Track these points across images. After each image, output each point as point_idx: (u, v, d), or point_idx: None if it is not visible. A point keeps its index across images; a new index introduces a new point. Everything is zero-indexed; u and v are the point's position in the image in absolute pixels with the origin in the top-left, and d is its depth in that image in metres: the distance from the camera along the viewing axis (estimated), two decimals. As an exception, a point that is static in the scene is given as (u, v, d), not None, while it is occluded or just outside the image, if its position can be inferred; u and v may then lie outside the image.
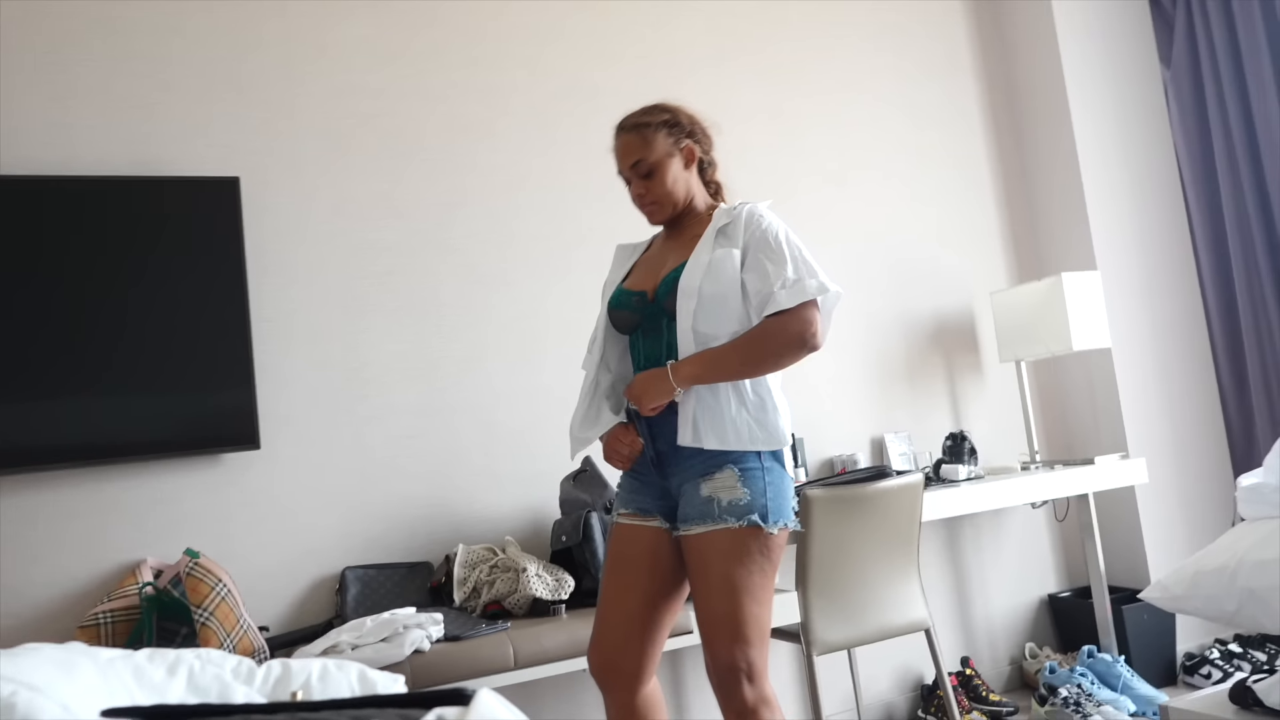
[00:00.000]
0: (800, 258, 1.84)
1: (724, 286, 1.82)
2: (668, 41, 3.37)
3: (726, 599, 1.74)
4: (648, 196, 1.95)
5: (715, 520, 1.77)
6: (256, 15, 2.83)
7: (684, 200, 1.97)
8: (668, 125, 1.95)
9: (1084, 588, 3.63)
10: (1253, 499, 1.83)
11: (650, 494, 1.92)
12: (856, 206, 3.59)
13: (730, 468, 1.79)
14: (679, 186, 1.95)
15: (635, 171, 1.94)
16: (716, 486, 1.79)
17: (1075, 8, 3.76)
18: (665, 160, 1.93)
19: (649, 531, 1.90)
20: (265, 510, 2.65)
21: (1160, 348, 3.69)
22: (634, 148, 1.94)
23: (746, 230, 1.86)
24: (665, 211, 1.97)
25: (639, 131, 1.94)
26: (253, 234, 2.73)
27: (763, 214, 1.90)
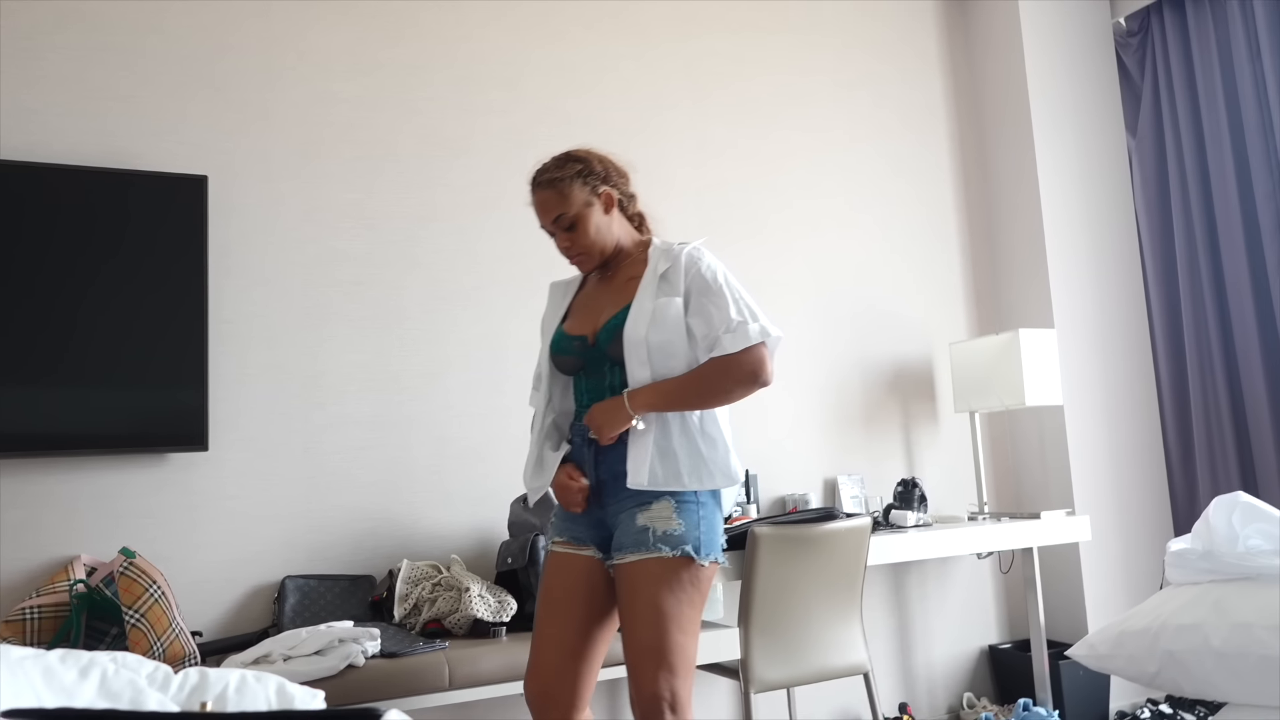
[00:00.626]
0: (741, 300, 1.88)
1: (669, 333, 1.86)
2: (646, 75, 3.42)
3: (655, 626, 1.76)
4: (574, 248, 1.96)
5: (649, 549, 1.79)
6: (237, 16, 2.84)
7: (611, 246, 1.99)
8: (582, 175, 1.95)
9: (1025, 640, 3.67)
10: (1179, 564, 1.87)
11: (585, 522, 1.94)
12: (825, 248, 3.64)
13: (667, 499, 1.83)
14: (603, 234, 1.96)
15: (557, 225, 1.95)
16: (652, 517, 1.81)
17: (1047, 73, 3.85)
18: (585, 210, 1.94)
19: (583, 560, 1.92)
20: (208, 513, 2.62)
21: (1111, 408, 3.76)
22: (552, 203, 1.94)
23: (687, 275, 1.90)
24: (594, 260, 1.98)
25: (554, 186, 1.94)
26: (218, 234, 2.71)
27: (701, 256, 1.93)
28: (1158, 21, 3.92)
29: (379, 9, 3.03)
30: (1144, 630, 1.79)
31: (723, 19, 3.59)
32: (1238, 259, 3.61)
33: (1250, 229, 3.61)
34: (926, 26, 4.01)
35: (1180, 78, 3.82)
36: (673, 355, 1.86)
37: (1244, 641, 1.67)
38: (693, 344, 1.87)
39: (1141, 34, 4.00)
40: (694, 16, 3.53)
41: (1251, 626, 1.68)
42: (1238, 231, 3.62)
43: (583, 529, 1.94)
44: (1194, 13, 3.79)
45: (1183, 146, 3.80)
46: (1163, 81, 3.89)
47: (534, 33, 3.25)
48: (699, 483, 1.83)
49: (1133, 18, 4.03)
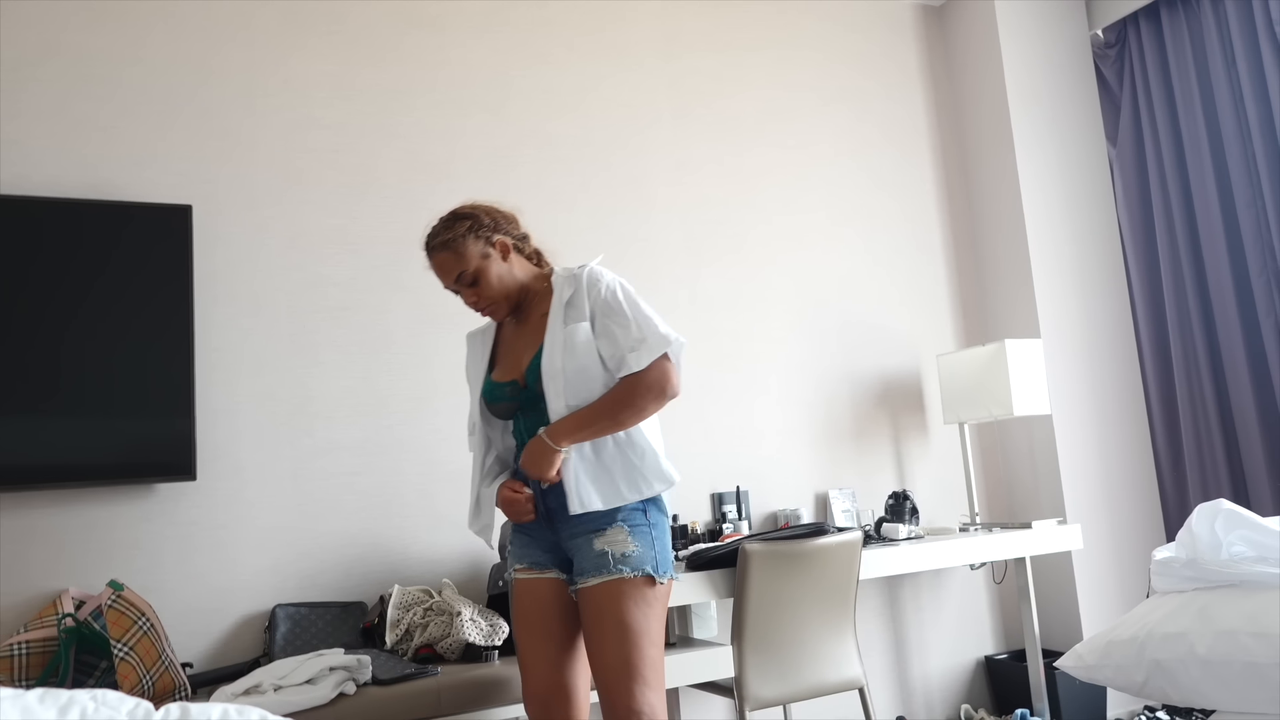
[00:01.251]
0: (640, 315, 1.92)
1: (582, 359, 1.91)
2: (628, 94, 3.44)
3: (625, 643, 1.81)
4: (481, 301, 2.01)
5: (610, 571, 1.85)
6: (218, 45, 2.85)
7: (516, 290, 2.03)
8: (473, 230, 1.99)
9: (1020, 650, 3.67)
10: (1163, 572, 1.88)
11: (541, 546, 1.99)
12: (809, 264, 3.66)
13: (620, 524, 1.89)
14: (506, 281, 2.01)
15: (460, 283, 2.00)
16: (608, 541, 1.87)
17: (1027, 85, 3.89)
18: (483, 263, 1.99)
19: (547, 583, 1.97)
20: (197, 543, 2.61)
21: (1099, 416, 3.77)
22: (450, 263, 1.98)
23: (590, 297, 1.95)
24: (504, 308, 2.03)
25: (449, 246, 1.98)
26: (204, 263, 2.72)
27: (600, 275, 1.97)
28: (1134, 33, 3.97)
29: (359, 35, 3.05)
30: (1131, 640, 1.79)
31: (704, 37, 3.62)
32: (1220, 265, 3.64)
33: (1231, 235, 3.64)
34: (906, 41, 4.05)
35: (1158, 87, 3.86)
36: (590, 380, 1.91)
37: (1229, 649, 1.68)
38: (605, 367, 1.93)
39: (1119, 45, 4.04)
40: (675, 35, 3.56)
41: (1237, 634, 1.68)
42: (1219, 237, 3.65)
43: (540, 553, 1.98)
44: (1169, 24, 3.84)
45: (1163, 155, 3.84)
46: (1141, 91, 3.93)
47: (515, 55, 3.27)
48: (637, 493, 1.89)
49: (1110, 29, 4.07)
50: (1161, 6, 3.85)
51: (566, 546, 1.95)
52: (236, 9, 2.89)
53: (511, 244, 2.04)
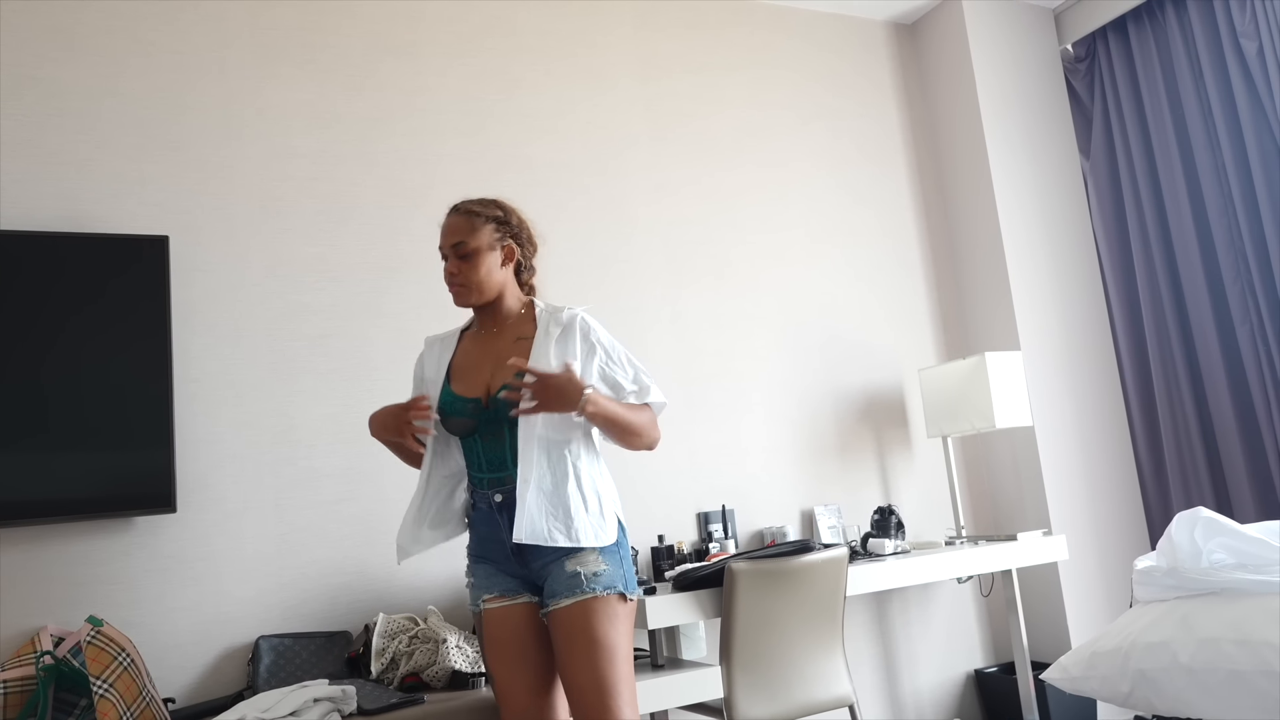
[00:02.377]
0: (639, 368, 2.05)
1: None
2: (605, 116, 3.46)
3: (603, 661, 1.83)
4: (459, 277, 2.01)
5: (584, 591, 1.87)
6: (194, 76, 2.85)
7: (492, 294, 2.04)
8: (497, 221, 2.04)
9: (1010, 663, 3.66)
10: (1145, 582, 1.89)
11: (507, 573, 2.00)
12: (790, 281, 3.68)
13: (589, 553, 1.91)
14: (491, 278, 2.02)
15: (455, 251, 2.01)
16: (580, 563, 1.90)
17: (999, 100, 3.94)
18: (485, 250, 2.01)
19: (520, 608, 1.97)
20: (178, 576, 2.58)
21: (1081, 427, 3.79)
22: (459, 229, 2.01)
23: (583, 342, 1.99)
24: (469, 297, 2.02)
25: (469, 217, 2.02)
26: (182, 294, 2.71)
27: (593, 325, 2.03)
28: (1103, 47, 4.03)
29: (335, 64, 3.06)
30: (1115, 650, 1.80)
31: (679, 59, 3.64)
32: (1195, 273, 3.68)
33: (1205, 243, 3.69)
34: (880, 59, 4.09)
35: (1128, 100, 3.92)
36: (567, 417, 1.92)
37: (1212, 657, 1.68)
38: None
39: (1089, 59, 4.10)
40: (650, 58, 3.59)
41: (1219, 641, 1.69)
42: (1193, 246, 3.69)
43: (508, 580, 1.99)
44: (1137, 37, 3.90)
45: (1135, 166, 3.89)
46: (1112, 104, 3.98)
47: (492, 81, 3.29)
48: (588, 540, 1.90)
49: (1079, 44, 4.13)
50: (1129, 21, 3.92)
51: (537, 575, 1.96)
52: (212, 40, 2.90)
53: (517, 258, 2.08)
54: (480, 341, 2.08)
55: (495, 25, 3.34)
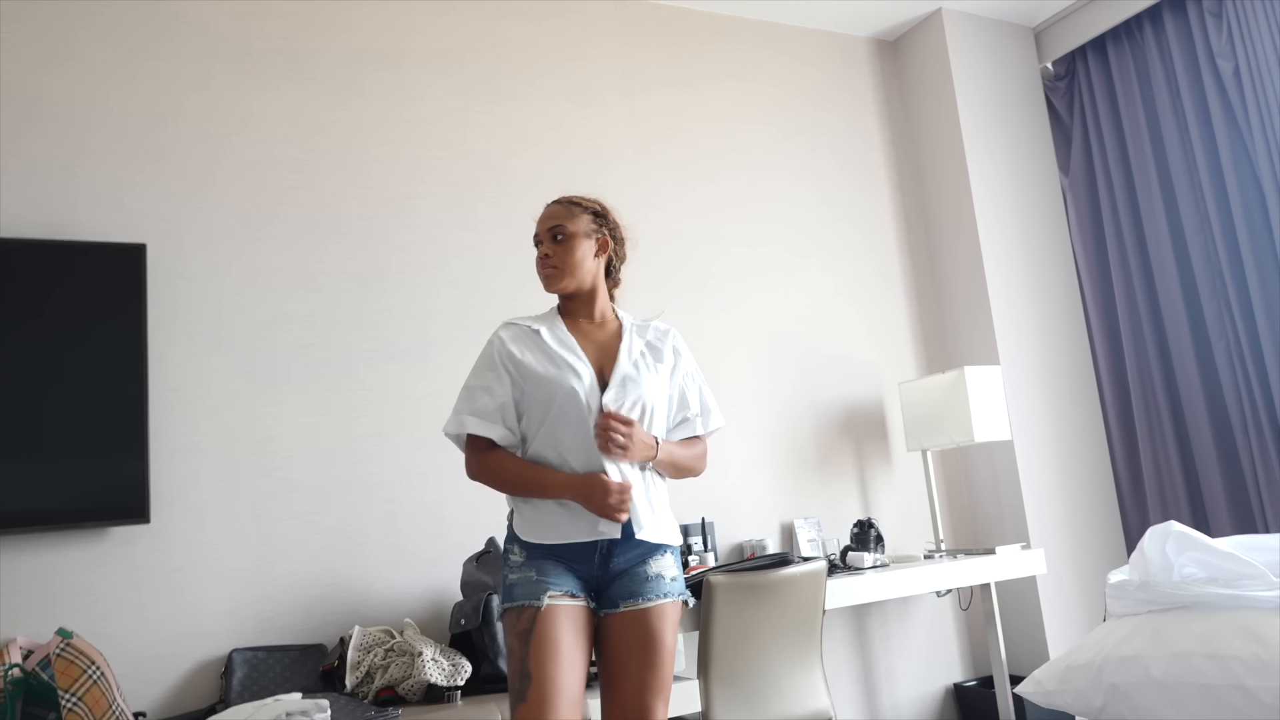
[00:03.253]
0: (707, 392, 2.16)
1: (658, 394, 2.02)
2: (589, 129, 3.47)
3: (668, 666, 1.91)
4: (552, 259, 2.00)
5: (665, 595, 1.93)
6: (177, 85, 2.85)
7: (584, 281, 2.03)
8: (595, 214, 2.08)
9: (989, 676, 3.67)
10: (1118, 595, 1.90)
11: (576, 576, 1.93)
12: (771, 295, 3.69)
13: (669, 551, 2.00)
14: (584, 266, 2.02)
15: (551, 234, 2.02)
16: (662, 566, 1.96)
17: (980, 117, 3.97)
18: (581, 237, 2.03)
19: (584, 611, 1.92)
20: (152, 587, 2.56)
21: (1059, 441, 3.82)
22: (558, 216, 2.04)
23: (671, 355, 2.09)
24: (561, 281, 2.01)
25: (568, 206, 2.06)
26: (160, 302, 2.69)
27: (682, 341, 2.14)
28: (1083, 65, 4.07)
29: (318, 73, 3.05)
30: (1088, 665, 1.80)
31: (662, 73, 3.66)
32: (1172, 289, 3.72)
33: (1181, 259, 3.72)
34: (862, 74, 4.12)
35: (1107, 118, 3.96)
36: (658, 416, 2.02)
37: (1183, 671, 1.69)
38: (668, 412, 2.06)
39: (1068, 78, 4.14)
40: (634, 72, 3.60)
41: (1190, 656, 1.70)
42: (1170, 262, 3.72)
43: (574, 583, 1.92)
44: (1115, 56, 3.94)
45: (1113, 183, 3.93)
46: (1091, 122, 4.02)
47: (475, 92, 3.29)
48: (677, 538, 2.04)
49: (1059, 62, 4.18)
50: (1108, 40, 3.96)
51: (610, 575, 1.93)
52: (196, 48, 2.89)
53: (610, 252, 2.09)
54: (584, 332, 2.04)
55: (480, 38, 3.34)
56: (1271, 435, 3.42)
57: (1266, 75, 3.39)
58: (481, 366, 2.02)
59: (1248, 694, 1.62)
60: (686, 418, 2.09)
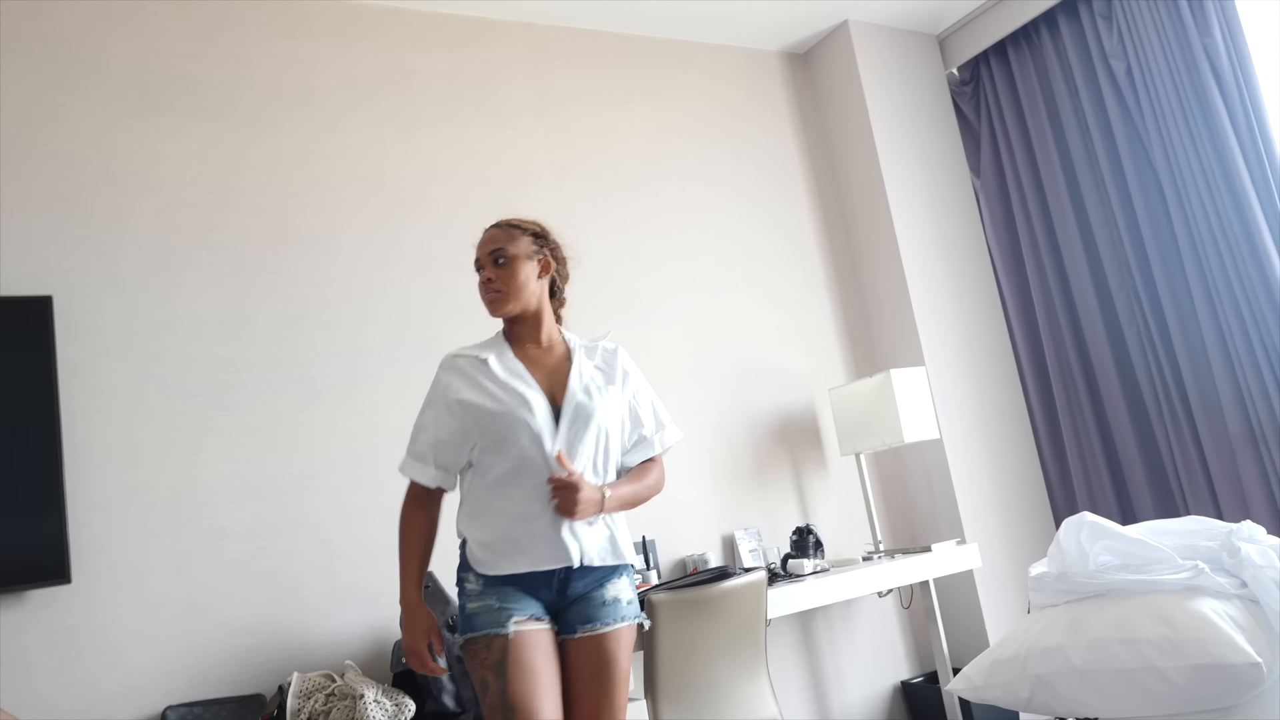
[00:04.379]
0: (660, 406, 2.16)
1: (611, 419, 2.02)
2: (505, 154, 3.47)
3: (624, 691, 1.90)
4: (495, 283, 1.99)
5: (621, 619, 1.93)
6: (76, 130, 2.78)
7: (528, 303, 2.02)
8: (535, 235, 2.07)
9: (935, 672, 3.73)
10: (1038, 587, 1.95)
11: (536, 599, 1.93)
12: (699, 309, 3.72)
13: (626, 574, 2.00)
14: (527, 288, 2.01)
15: (492, 258, 2.01)
16: (618, 589, 1.96)
17: (891, 122, 4.06)
18: (522, 259, 2.01)
19: (550, 635, 1.92)
20: (76, 650, 2.47)
21: (987, 437, 3.91)
22: (499, 239, 2.03)
23: (621, 375, 2.08)
24: (506, 304, 1.99)
25: (508, 229, 2.05)
26: (68, 355, 2.62)
27: (629, 359, 2.14)
28: (986, 70, 4.20)
29: (224, 112, 3.01)
30: (1013, 658, 1.85)
31: (576, 95, 3.68)
32: (1084, 282, 3.84)
33: (1091, 253, 3.85)
34: (776, 87, 4.19)
35: (1012, 119, 4.09)
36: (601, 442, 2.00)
37: (1101, 657, 1.75)
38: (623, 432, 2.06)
39: (973, 82, 4.27)
40: (548, 95, 3.62)
41: (1106, 642, 1.75)
42: (1080, 256, 3.85)
43: (537, 607, 1.92)
44: (1016, 60, 4.08)
45: (1022, 182, 4.05)
46: (998, 124, 4.15)
47: (388, 124, 3.27)
48: (631, 557, 2.03)
49: (964, 67, 4.30)
50: (1008, 44, 4.10)
51: (568, 601, 1.93)
52: (94, 92, 2.83)
53: (552, 273, 2.09)
54: (533, 359, 2.03)
55: (389, 69, 3.33)
56: (1185, 418, 3.56)
57: (1156, 73, 3.54)
58: (425, 403, 2.04)
59: (1160, 674, 1.68)
60: (643, 436, 2.09)
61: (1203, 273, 3.48)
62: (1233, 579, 1.81)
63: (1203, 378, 3.49)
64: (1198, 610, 1.72)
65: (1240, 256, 3.33)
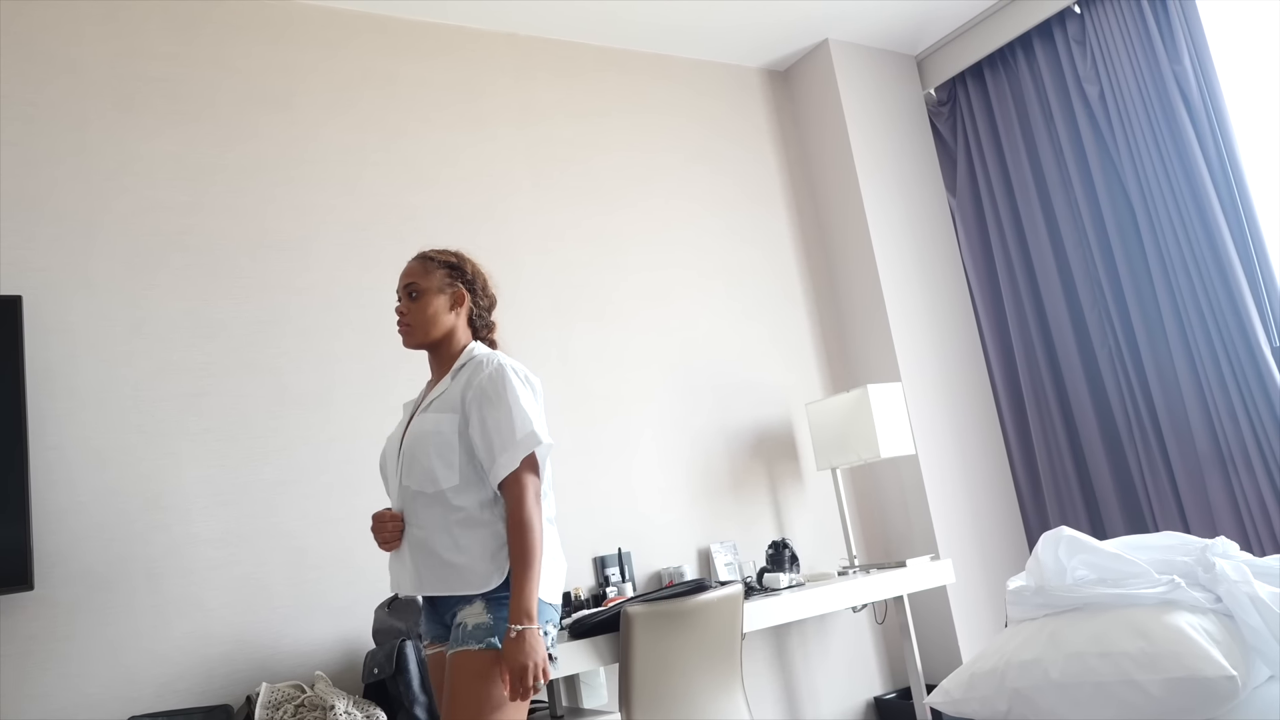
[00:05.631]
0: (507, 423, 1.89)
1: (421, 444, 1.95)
2: (486, 163, 3.46)
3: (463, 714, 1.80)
4: (406, 317, 2.05)
5: (460, 643, 1.84)
6: (49, 129, 2.74)
7: (436, 335, 2.04)
8: (450, 267, 2.09)
9: (908, 688, 3.74)
10: (1016, 601, 1.96)
11: (432, 619, 2.06)
12: (677, 322, 3.72)
13: (480, 600, 1.87)
14: (438, 320, 2.04)
15: (405, 291, 2.06)
16: (465, 614, 1.88)
17: (870, 141, 4.11)
18: (434, 292, 2.05)
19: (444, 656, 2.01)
20: (38, 659, 2.41)
21: (962, 453, 3.94)
22: (413, 272, 2.07)
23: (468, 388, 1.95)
24: (415, 337, 2.05)
25: (423, 261, 2.08)
26: (37, 356, 2.57)
27: (491, 373, 1.94)
28: (963, 91, 4.26)
29: (202, 114, 2.98)
30: (992, 671, 1.86)
31: (558, 105, 3.69)
32: (1057, 301, 3.89)
33: (1064, 272, 3.91)
34: (756, 103, 4.23)
35: (988, 140, 4.15)
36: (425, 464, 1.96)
37: (1079, 671, 1.76)
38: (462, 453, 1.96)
39: (950, 103, 4.33)
40: (530, 105, 3.62)
41: (1084, 655, 1.76)
42: (1054, 275, 3.91)
43: (439, 629, 2.03)
44: (993, 82, 4.14)
45: (997, 202, 4.11)
46: (974, 144, 4.20)
47: (371, 130, 3.26)
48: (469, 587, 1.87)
49: (941, 88, 4.36)
50: (985, 66, 4.16)
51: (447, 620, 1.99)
52: (69, 91, 2.78)
53: (468, 306, 2.08)
54: (428, 390, 2.12)
55: (372, 76, 3.31)
56: (1154, 436, 3.61)
57: (1127, 98, 3.61)
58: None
59: (1137, 687, 1.69)
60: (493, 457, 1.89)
61: (1172, 294, 3.54)
62: (1208, 594, 1.83)
63: (1172, 398, 3.54)
64: (1174, 624, 1.74)
65: (1209, 278, 3.40)
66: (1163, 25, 3.55)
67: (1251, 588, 1.78)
